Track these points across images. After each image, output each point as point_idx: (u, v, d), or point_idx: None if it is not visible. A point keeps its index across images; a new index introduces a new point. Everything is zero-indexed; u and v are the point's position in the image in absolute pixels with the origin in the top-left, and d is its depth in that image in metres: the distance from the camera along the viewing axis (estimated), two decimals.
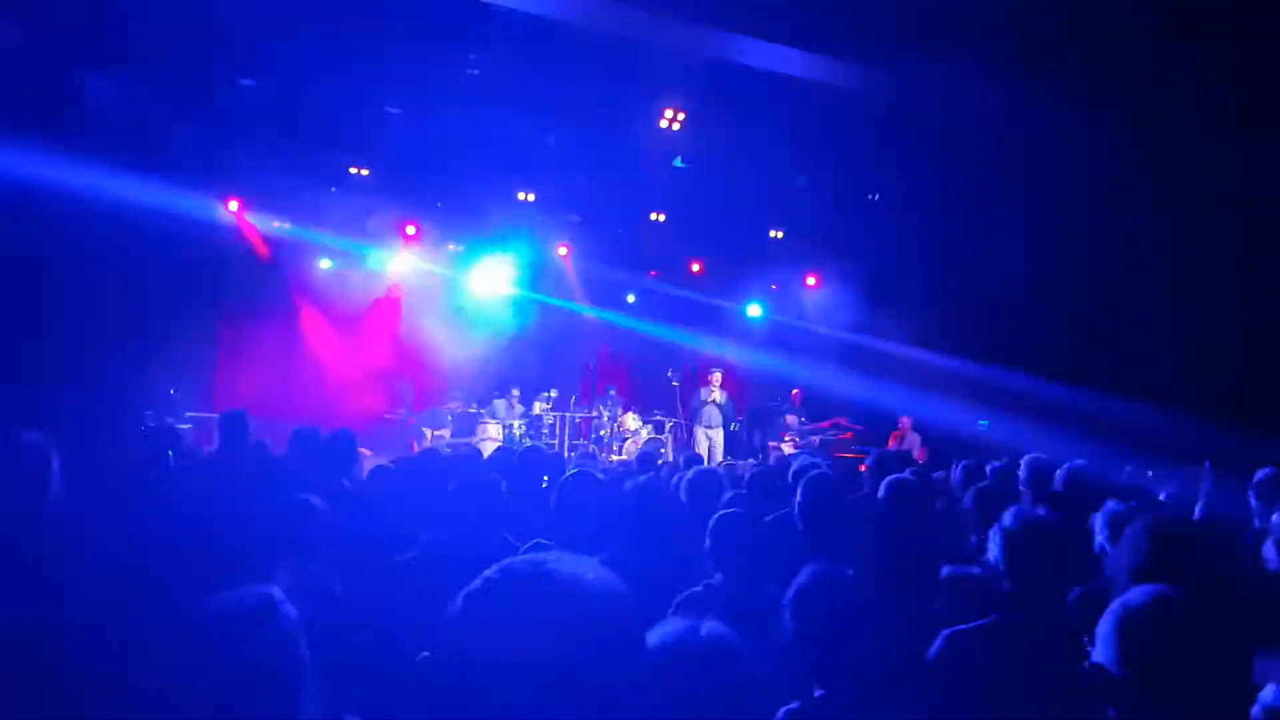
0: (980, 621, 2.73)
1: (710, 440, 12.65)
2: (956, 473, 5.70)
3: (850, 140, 12.06)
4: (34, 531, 2.70)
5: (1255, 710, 1.99)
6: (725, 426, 13.27)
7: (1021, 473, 5.15)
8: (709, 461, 11.10)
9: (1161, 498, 5.01)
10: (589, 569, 1.18)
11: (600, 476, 4.34)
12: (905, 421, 12.45)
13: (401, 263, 13.65)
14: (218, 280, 12.47)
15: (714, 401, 12.68)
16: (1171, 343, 10.45)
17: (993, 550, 2.88)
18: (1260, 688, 2.03)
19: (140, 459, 4.36)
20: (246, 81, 10.59)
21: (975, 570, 3.23)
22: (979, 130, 11.16)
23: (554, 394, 12.92)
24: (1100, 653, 1.92)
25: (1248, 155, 9.61)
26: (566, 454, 11.75)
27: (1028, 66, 9.72)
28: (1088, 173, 11.15)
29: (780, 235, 14.50)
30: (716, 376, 12.86)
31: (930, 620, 2.84)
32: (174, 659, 1.63)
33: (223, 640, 1.64)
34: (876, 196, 13.52)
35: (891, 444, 12.34)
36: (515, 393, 12.56)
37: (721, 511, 3.36)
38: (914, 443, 12.17)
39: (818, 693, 2.32)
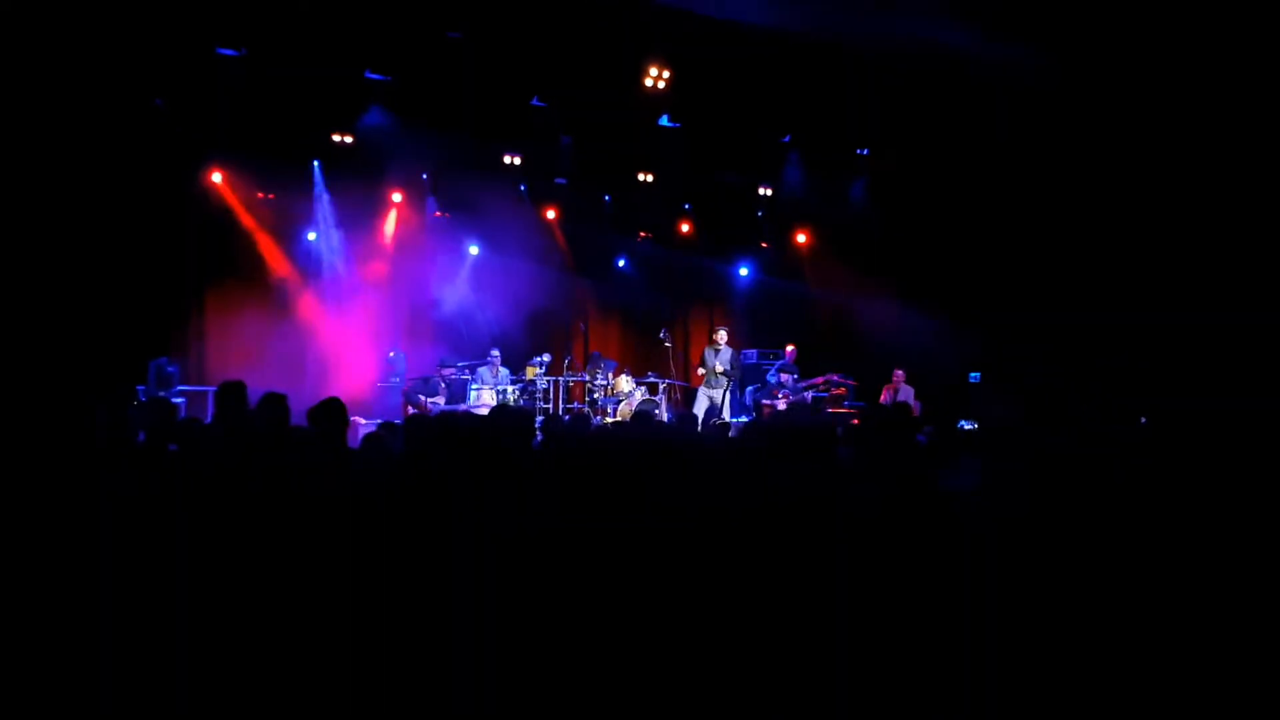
0: None
1: (711, 400, 12.28)
2: None
3: (838, 95, 11.99)
4: None
5: None
6: (730, 384, 12.66)
7: None
8: (705, 421, 11.05)
9: None
10: None
11: None
12: (898, 374, 12.48)
13: (389, 230, 13.55)
14: (203, 252, 12.35)
15: (719, 359, 12.23)
16: None
17: None
18: None
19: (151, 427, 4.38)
20: (226, 51, 10.46)
21: None
22: (967, 82, 11.10)
23: (547, 358, 12.87)
24: None
25: None
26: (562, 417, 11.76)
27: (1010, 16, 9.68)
28: (1072, 120, 11.12)
29: (769, 193, 14.43)
30: (722, 335, 12.45)
31: None
32: None
33: None
34: (865, 151, 13.47)
35: (885, 397, 12.39)
36: (496, 354, 12.51)
37: None
38: (908, 395, 12.21)
39: None
